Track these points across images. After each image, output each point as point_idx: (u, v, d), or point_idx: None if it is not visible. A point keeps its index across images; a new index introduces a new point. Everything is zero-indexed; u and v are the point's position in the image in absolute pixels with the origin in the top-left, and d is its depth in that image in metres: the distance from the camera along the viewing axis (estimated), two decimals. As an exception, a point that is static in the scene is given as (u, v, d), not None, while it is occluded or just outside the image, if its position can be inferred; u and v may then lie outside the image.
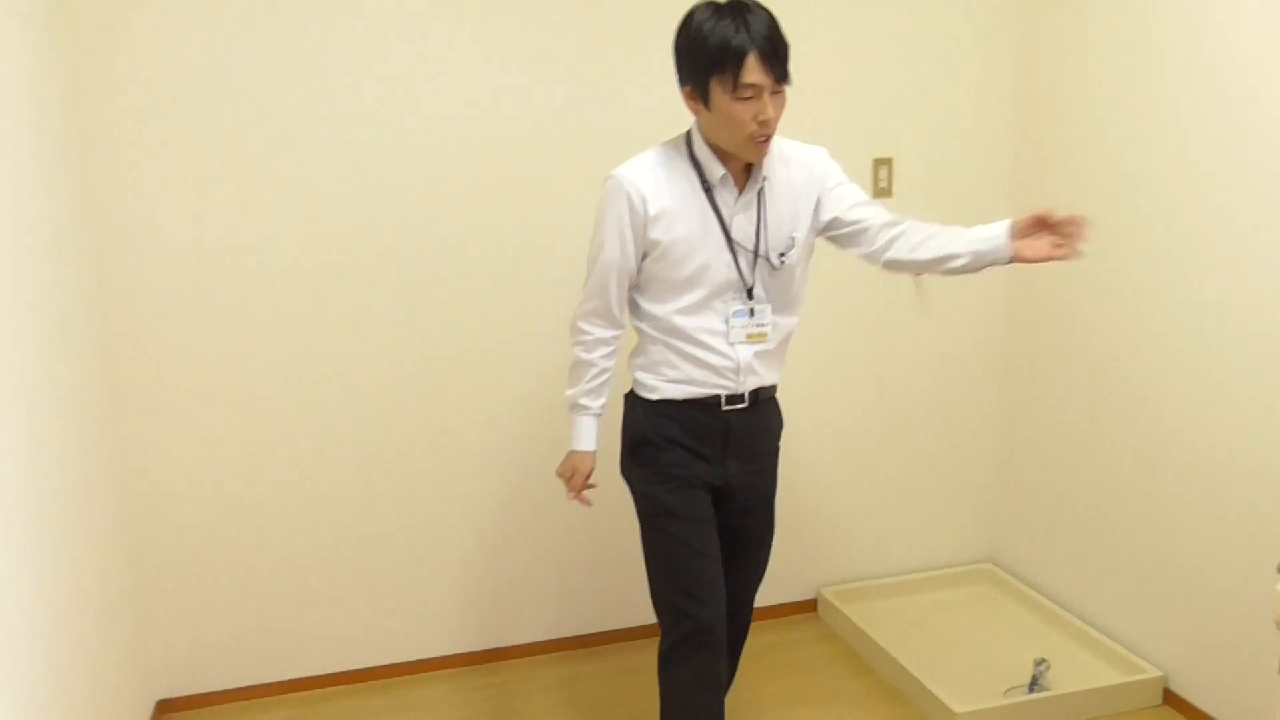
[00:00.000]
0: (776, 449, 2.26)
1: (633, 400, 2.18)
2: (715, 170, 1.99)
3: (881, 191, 3.11)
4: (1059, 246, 1.90)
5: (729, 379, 2.09)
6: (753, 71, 1.85)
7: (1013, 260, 1.95)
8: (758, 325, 2.08)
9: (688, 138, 2.04)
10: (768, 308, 2.09)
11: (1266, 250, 2.34)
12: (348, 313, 2.75)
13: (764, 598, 3.17)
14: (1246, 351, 2.42)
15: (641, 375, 2.15)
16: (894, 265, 2.09)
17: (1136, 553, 2.81)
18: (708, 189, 2.00)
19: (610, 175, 2.02)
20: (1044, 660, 2.78)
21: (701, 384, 2.09)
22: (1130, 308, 2.77)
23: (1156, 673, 2.73)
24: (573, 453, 2.20)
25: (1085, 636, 2.96)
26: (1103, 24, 2.79)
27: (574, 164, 2.82)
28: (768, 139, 1.93)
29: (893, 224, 2.07)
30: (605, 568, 3.09)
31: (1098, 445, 2.93)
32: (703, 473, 2.13)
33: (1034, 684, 2.74)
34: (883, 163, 3.09)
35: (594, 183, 2.19)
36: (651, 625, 3.11)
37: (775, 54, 1.86)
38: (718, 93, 1.88)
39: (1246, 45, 2.35)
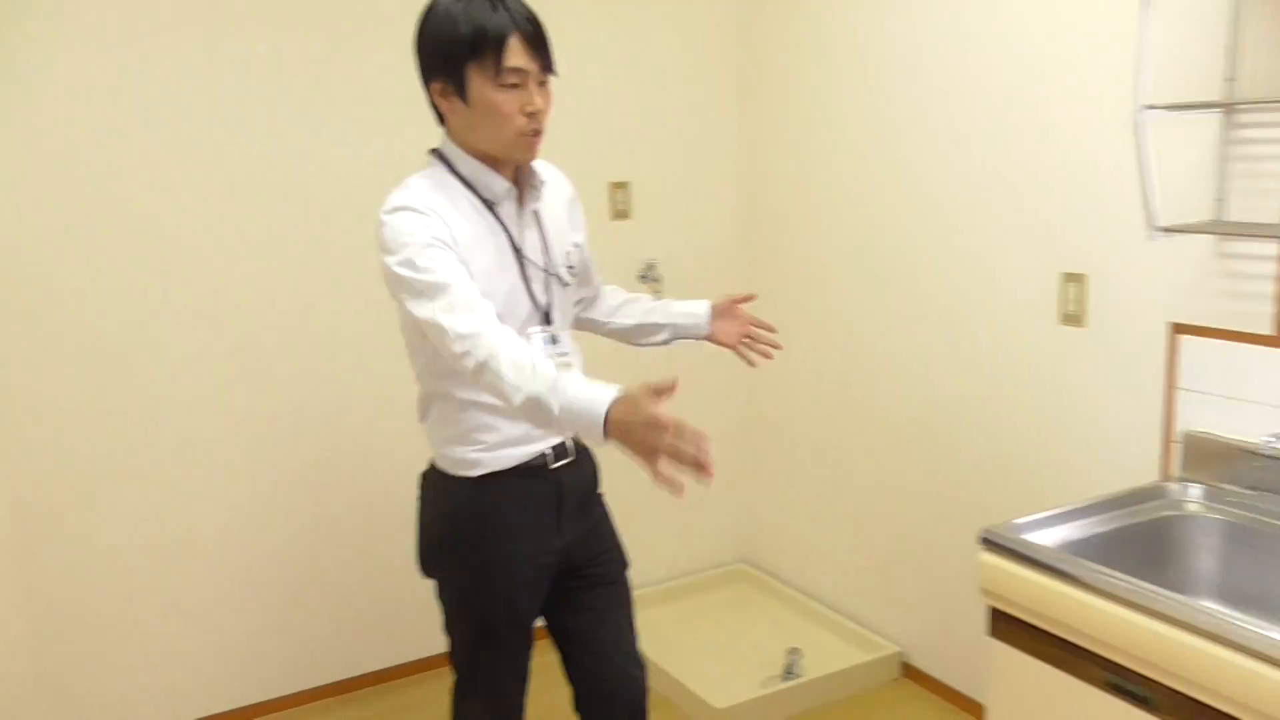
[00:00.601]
0: (601, 493, 2.00)
1: (442, 483, 1.82)
2: (497, 183, 1.73)
3: (620, 214, 3.21)
4: (745, 344, 2.06)
5: None
6: (516, 54, 1.63)
7: (707, 339, 2.06)
8: (561, 354, 1.81)
9: (441, 157, 1.75)
10: (566, 330, 1.86)
11: (947, 257, 2.61)
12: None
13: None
14: (943, 351, 2.68)
15: (453, 451, 1.78)
16: (587, 324, 2.06)
17: (870, 540, 3.04)
18: (489, 207, 1.74)
19: (389, 208, 1.66)
20: (796, 649, 2.95)
21: (529, 441, 1.78)
22: (850, 316, 3.00)
23: (894, 649, 2.96)
24: (617, 408, 1.45)
25: (832, 622, 3.16)
26: (815, 51, 3.02)
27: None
28: (538, 134, 1.70)
29: (599, 285, 2.04)
30: (361, 606, 3.00)
31: (831, 446, 3.15)
32: (536, 556, 1.83)
33: (788, 672, 2.89)
34: (620, 186, 3.20)
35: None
36: (420, 660, 3.06)
37: (539, 37, 1.67)
38: (478, 82, 1.64)
39: (951, 67, 2.62)
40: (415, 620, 2.99)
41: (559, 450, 1.83)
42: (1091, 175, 2.26)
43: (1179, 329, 2.12)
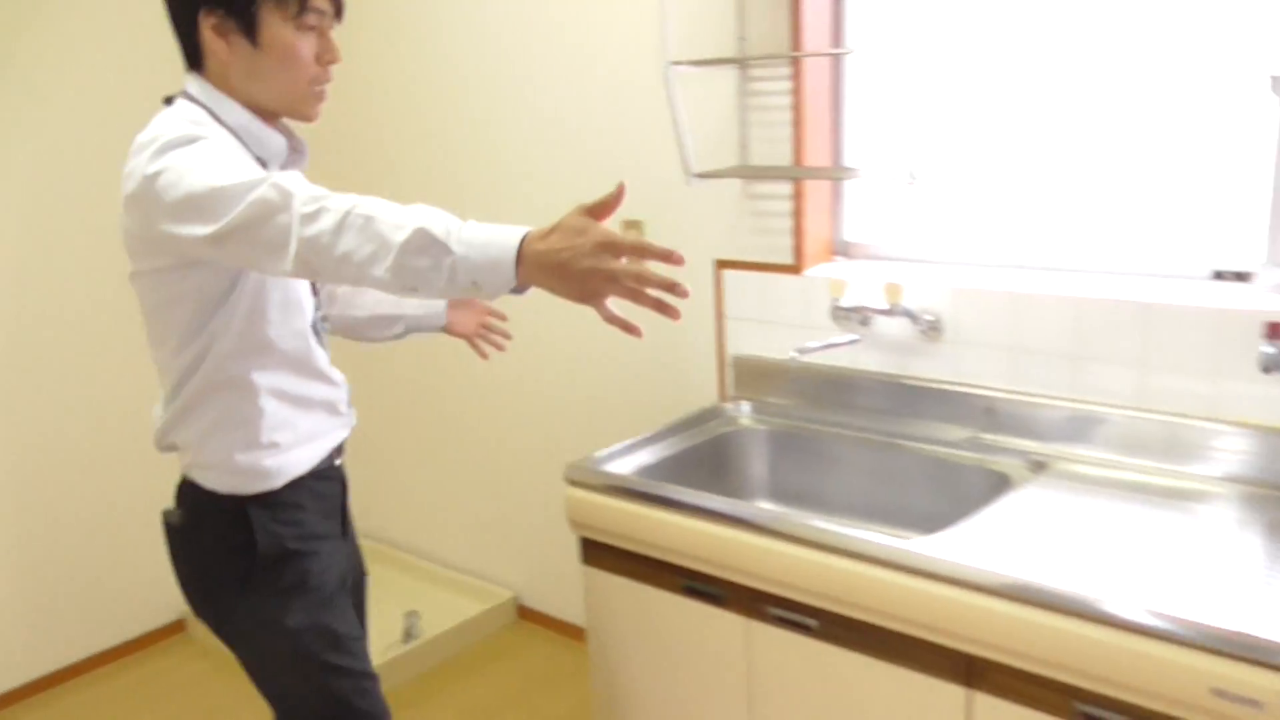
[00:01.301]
0: None
1: (226, 509, 1.50)
2: (274, 140, 1.47)
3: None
4: (481, 335, 1.94)
5: (343, 415, 1.62)
6: None
7: (444, 330, 1.91)
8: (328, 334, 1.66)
9: (194, 101, 1.44)
10: None
11: (519, 211, 2.71)
12: None
13: (125, 630, 2.97)
14: (515, 304, 2.78)
15: (241, 460, 1.48)
16: None
17: (478, 495, 3.11)
18: (262, 165, 1.45)
19: (163, 144, 1.33)
20: (414, 611, 2.96)
21: (325, 435, 1.57)
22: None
23: (509, 594, 3.07)
24: (537, 239, 1.19)
25: (449, 580, 3.21)
26: (396, 26, 2.97)
27: None
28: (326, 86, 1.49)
29: None
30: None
31: (431, 411, 3.17)
32: (343, 572, 1.63)
33: (407, 635, 2.91)
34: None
35: None
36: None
37: None
38: (273, 21, 1.40)
39: (515, 34, 2.68)
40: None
41: (338, 447, 1.62)
42: (639, 128, 2.43)
43: (722, 264, 2.36)
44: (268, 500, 1.51)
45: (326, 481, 1.61)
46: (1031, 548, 1.55)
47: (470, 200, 2.83)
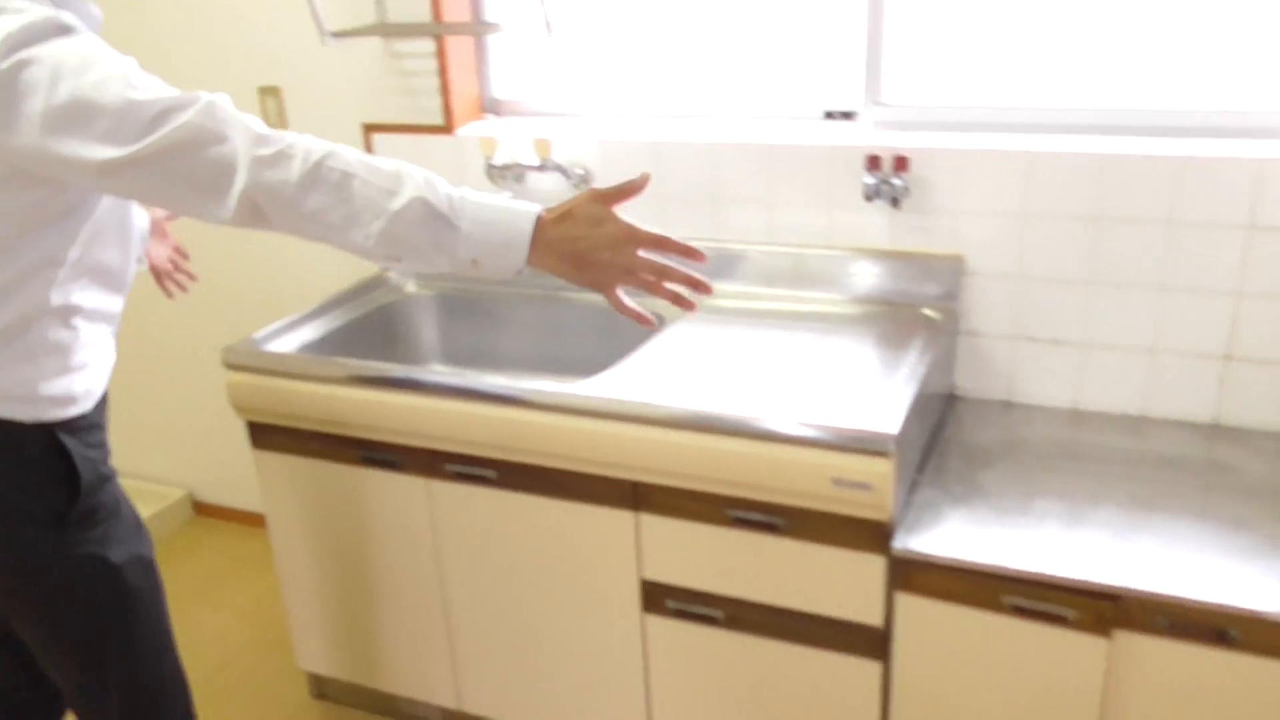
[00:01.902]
0: None
1: (38, 436, 1.27)
2: (90, 11, 1.24)
3: None
4: (168, 273, 1.71)
5: (117, 324, 1.42)
6: None
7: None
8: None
9: None
10: None
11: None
12: None
13: None
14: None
15: (53, 386, 1.26)
16: None
17: (138, 399, 2.90)
18: None
19: (23, 30, 1.08)
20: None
21: (111, 348, 1.39)
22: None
23: (181, 492, 2.93)
24: (555, 223, 1.16)
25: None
26: None
27: None
28: None
29: None
30: None
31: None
32: None
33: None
34: None
35: None
36: None
37: None
38: None
39: None
40: None
41: None
42: (264, -15, 2.27)
43: (370, 128, 2.28)
44: (75, 425, 1.32)
45: (106, 398, 1.44)
46: (682, 378, 1.68)
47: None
